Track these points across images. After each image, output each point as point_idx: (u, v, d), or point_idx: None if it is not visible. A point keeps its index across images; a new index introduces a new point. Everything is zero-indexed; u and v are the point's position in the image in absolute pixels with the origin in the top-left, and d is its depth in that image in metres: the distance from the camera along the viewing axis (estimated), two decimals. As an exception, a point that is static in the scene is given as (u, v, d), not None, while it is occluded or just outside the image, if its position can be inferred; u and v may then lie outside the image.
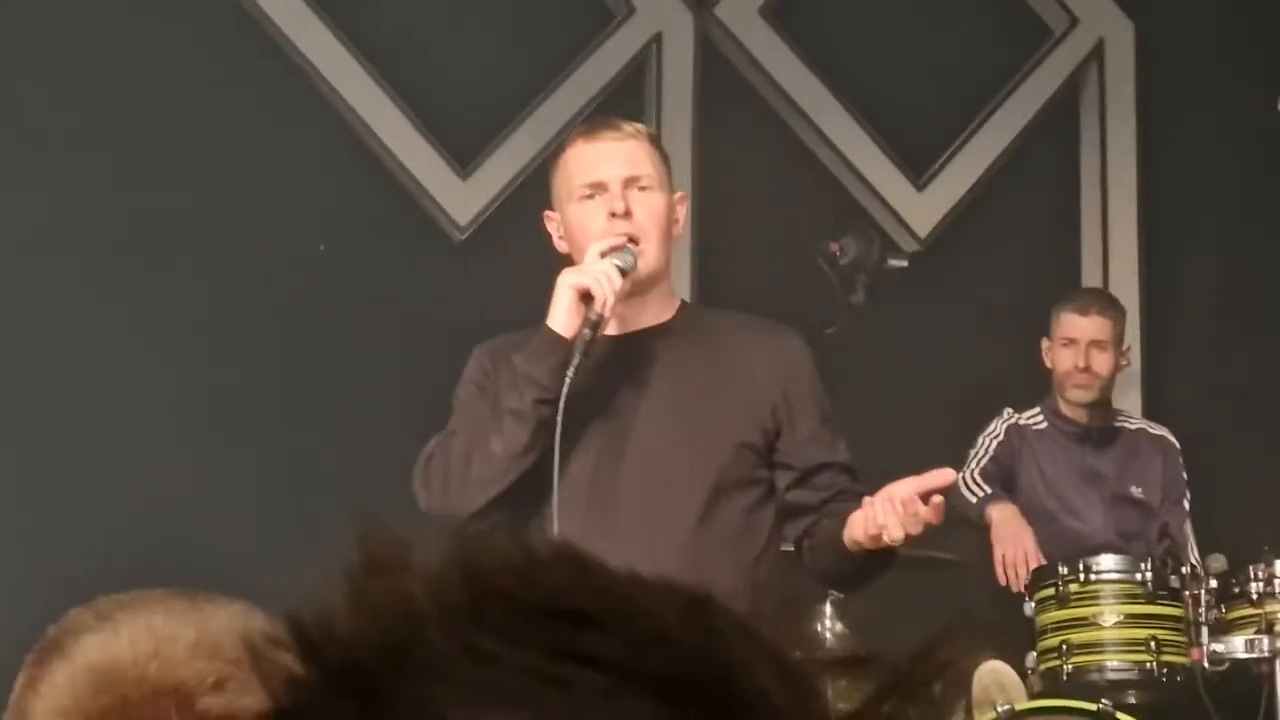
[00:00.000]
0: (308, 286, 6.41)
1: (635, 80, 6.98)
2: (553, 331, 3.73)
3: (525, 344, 3.80)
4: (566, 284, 3.75)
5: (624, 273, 3.71)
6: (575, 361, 3.68)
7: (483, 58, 6.85)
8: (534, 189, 6.79)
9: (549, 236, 4.01)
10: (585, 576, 0.63)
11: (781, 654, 0.61)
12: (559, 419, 3.67)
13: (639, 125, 4.18)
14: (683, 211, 4.08)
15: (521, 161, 6.69)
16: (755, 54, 6.90)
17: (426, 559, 0.64)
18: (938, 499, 3.68)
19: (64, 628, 1.51)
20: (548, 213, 4.02)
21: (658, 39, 7.07)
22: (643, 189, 3.87)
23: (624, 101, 6.81)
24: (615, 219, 3.80)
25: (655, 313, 3.92)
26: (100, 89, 6.37)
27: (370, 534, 0.64)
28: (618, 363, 3.89)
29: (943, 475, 3.79)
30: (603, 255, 3.74)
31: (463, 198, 6.72)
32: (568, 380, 3.67)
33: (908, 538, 3.67)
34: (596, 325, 3.70)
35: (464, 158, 6.74)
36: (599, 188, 3.85)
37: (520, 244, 6.78)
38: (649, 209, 3.86)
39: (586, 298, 3.70)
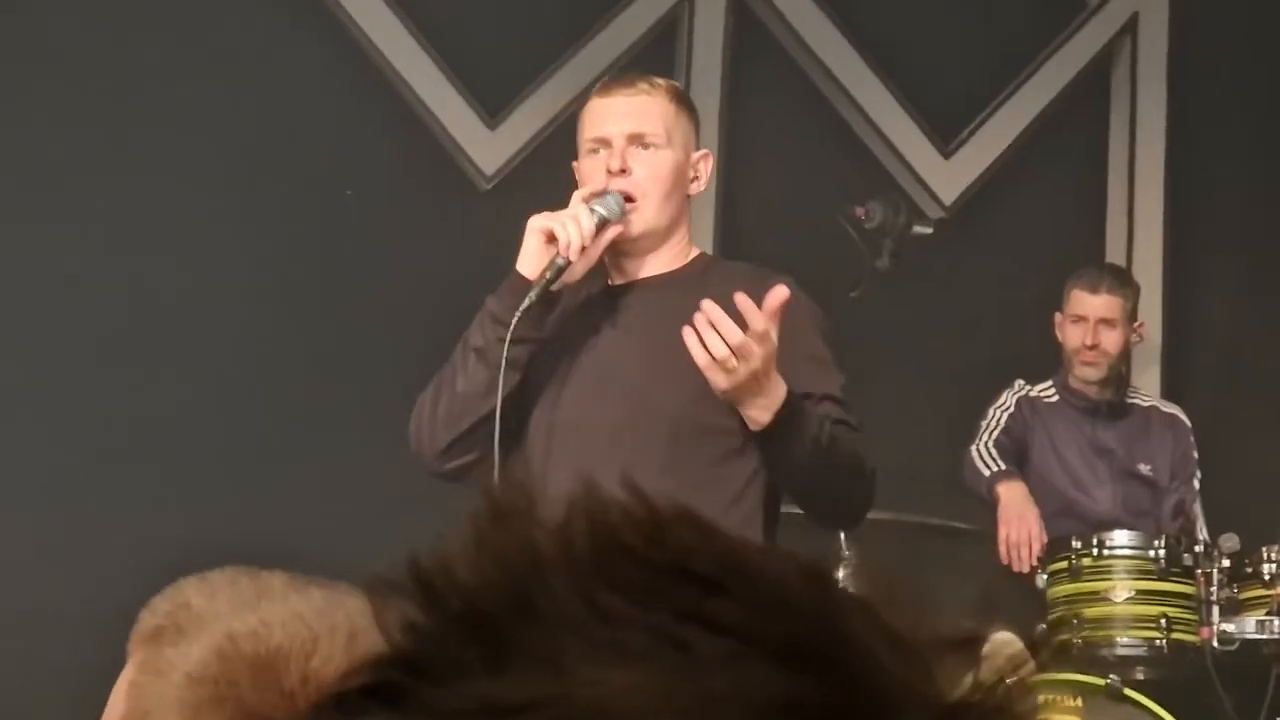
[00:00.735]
0: (333, 231, 6.40)
1: (667, 37, 6.98)
2: (518, 273, 3.75)
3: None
4: (533, 226, 3.77)
5: (606, 220, 3.71)
6: (526, 302, 3.67)
7: (515, 8, 6.85)
8: (561, 141, 6.80)
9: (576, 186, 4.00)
10: (708, 539, 0.63)
11: (896, 629, 0.61)
12: (501, 362, 3.69)
13: (660, 80, 4.15)
14: (705, 169, 4.03)
15: (550, 113, 6.68)
16: (787, 15, 6.90)
17: (552, 510, 0.63)
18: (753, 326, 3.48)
19: (171, 607, 1.54)
20: (574, 164, 4.05)
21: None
22: (647, 146, 3.86)
23: (655, 58, 6.80)
24: (611, 176, 3.80)
25: (662, 265, 3.91)
26: (131, 28, 6.37)
27: (495, 483, 0.64)
28: (610, 310, 3.90)
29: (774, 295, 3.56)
30: (585, 200, 3.75)
31: (490, 147, 6.71)
32: (515, 320, 3.67)
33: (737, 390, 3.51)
34: (561, 269, 3.68)
35: (493, 108, 6.72)
36: (604, 142, 3.87)
37: (546, 194, 6.78)
38: (650, 166, 3.85)
39: (553, 240, 3.70)
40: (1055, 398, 6.11)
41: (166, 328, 6.10)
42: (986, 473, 5.86)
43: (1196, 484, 6.11)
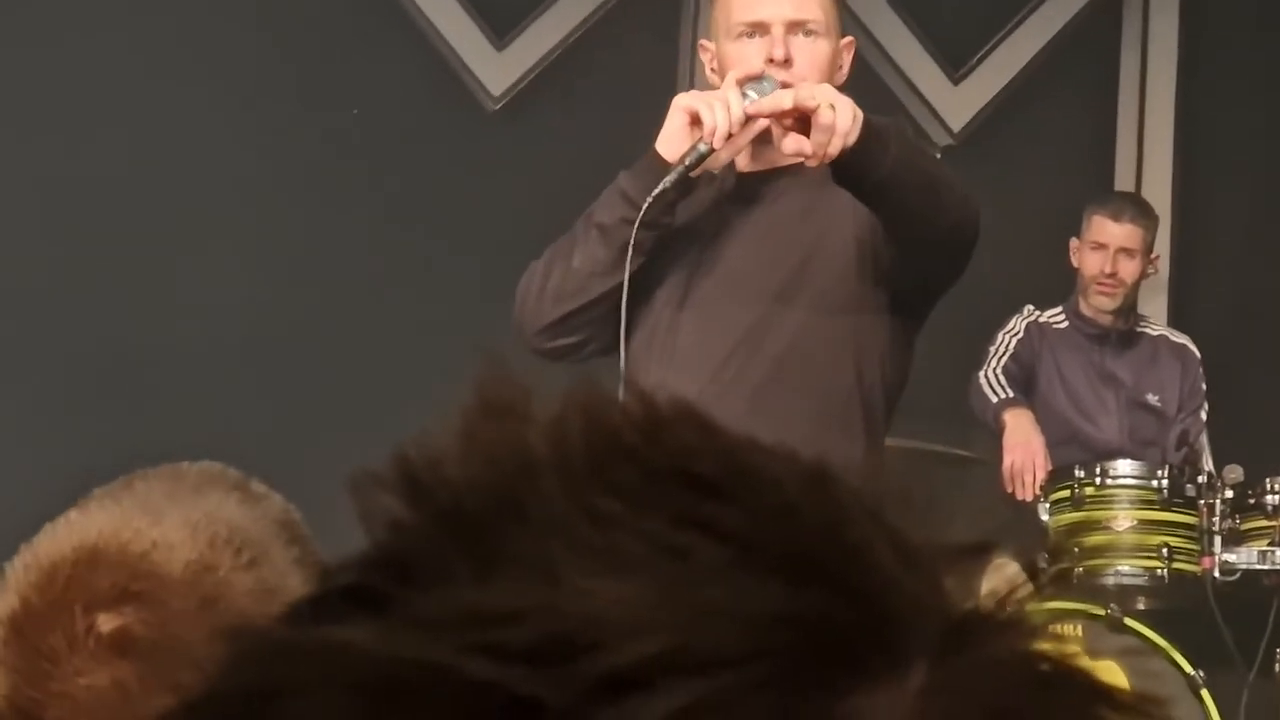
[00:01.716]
0: (339, 150, 6.39)
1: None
2: (656, 152, 3.46)
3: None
4: (679, 105, 3.47)
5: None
6: (661, 187, 3.40)
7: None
8: (569, 63, 6.78)
9: (681, 56, 3.75)
10: (710, 439, 0.60)
11: (905, 538, 0.59)
12: (641, 243, 3.45)
13: None
14: (848, 58, 3.69)
15: (558, 35, 6.66)
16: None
17: (546, 406, 0.61)
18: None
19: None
20: (702, 42, 3.81)
21: None
22: (808, 34, 3.56)
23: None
24: (773, 65, 3.48)
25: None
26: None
27: (488, 377, 0.61)
28: (737, 198, 3.63)
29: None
30: (739, 84, 3.43)
31: (498, 68, 6.68)
32: (647, 203, 3.41)
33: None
34: (704, 156, 3.39)
35: (501, 29, 6.69)
36: (760, 28, 3.55)
37: (554, 117, 6.77)
38: (812, 57, 3.55)
39: (697, 123, 3.40)
40: (1065, 324, 6.10)
41: (170, 252, 6.10)
42: (994, 400, 5.86)
43: (1204, 415, 6.10)
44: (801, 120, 3.28)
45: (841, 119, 3.20)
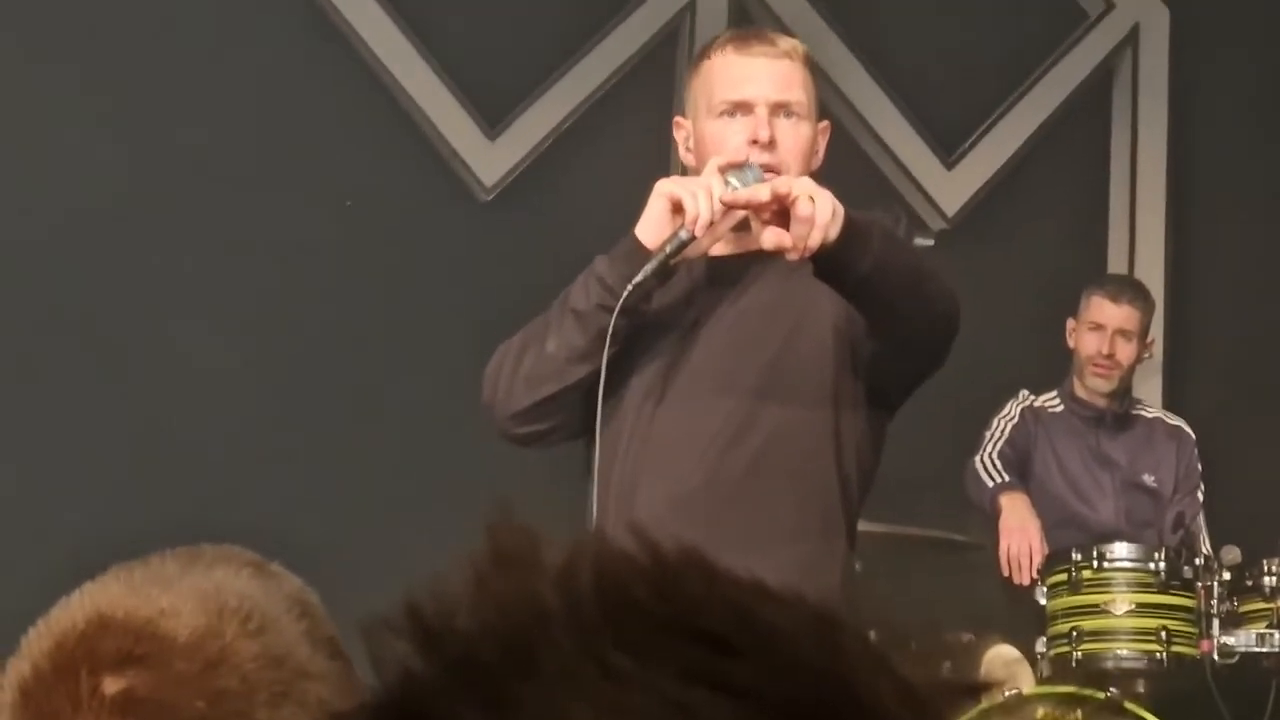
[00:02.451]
0: (333, 241, 6.42)
1: (668, 47, 6.91)
2: (635, 238, 3.39)
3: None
4: (661, 191, 3.40)
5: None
6: (641, 275, 3.32)
7: (516, 18, 6.85)
8: (561, 152, 6.82)
9: (674, 145, 3.71)
10: (716, 588, 0.61)
11: (908, 681, 0.60)
12: (617, 332, 3.35)
13: (796, 43, 3.75)
14: (824, 143, 3.64)
15: (550, 124, 6.71)
16: (789, 24, 6.87)
17: (555, 555, 0.62)
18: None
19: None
20: (678, 119, 3.72)
21: (691, 6, 6.89)
22: (790, 115, 3.50)
23: (656, 68, 6.78)
24: (757, 146, 3.43)
25: None
26: (139, 34, 6.35)
27: (498, 524, 0.62)
28: (713, 283, 3.55)
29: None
30: (721, 171, 3.37)
31: (490, 158, 6.72)
32: (627, 291, 3.32)
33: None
34: (684, 244, 3.32)
35: (493, 118, 6.73)
36: (743, 107, 3.49)
37: (547, 206, 6.80)
38: (795, 140, 3.49)
39: (680, 210, 3.34)
40: (1060, 407, 6.10)
41: (169, 340, 6.14)
42: (990, 484, 5.86)
43: (1200, 496, 6.10)
44: (781, 212, 3.21)
45: (821, 212, 3.15)
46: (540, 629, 0.59)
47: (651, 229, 3.36)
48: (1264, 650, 5.30)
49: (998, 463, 5.91)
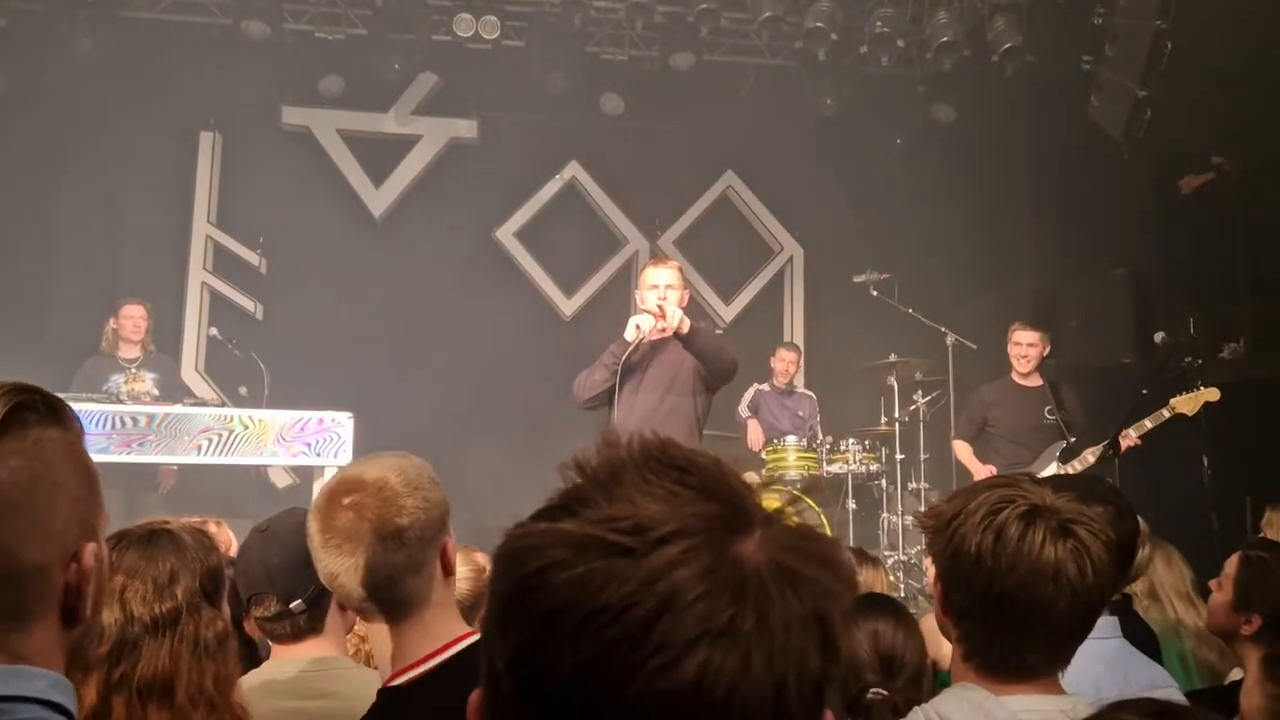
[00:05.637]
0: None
1: (622, 280, 11.72)
2: (623, 338, 7.09)
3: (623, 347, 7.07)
4: (632, 321, 7.02)
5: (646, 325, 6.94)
6: (625, 353, 7.07)
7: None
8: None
9: (634, 304, 7.06)
10: (677, 447, 1.26)
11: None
12: (618, 371, 7.00)
13: (674, 264, 7.37)
14: (686, 297, 7.28)
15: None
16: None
17: (627, 434, 1.28)
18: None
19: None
20: (636, 292, 7.34)
21: (635, 255, 12.32)
22: (670, 288, 7.13)
23: (614, 293, 10.80)
24: (660, 306, 7.05)
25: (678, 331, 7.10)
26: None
27: (603, 436, 1.30)
28: (657, 348, 7.19)
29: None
30: (650, 313, 7.05)
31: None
32: (623, 358, 7.07)
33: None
34: (640, 339, 7.03)
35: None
36: (655, 288, 7.11)
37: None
38: (676, 300, 7.07)
39: (638, 327, 7.01)
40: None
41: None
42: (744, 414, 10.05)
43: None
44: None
45: (673, 321, 7.02)
46: (621, 468, 1.19)
47: (628, 333, 7.17)
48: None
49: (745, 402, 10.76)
